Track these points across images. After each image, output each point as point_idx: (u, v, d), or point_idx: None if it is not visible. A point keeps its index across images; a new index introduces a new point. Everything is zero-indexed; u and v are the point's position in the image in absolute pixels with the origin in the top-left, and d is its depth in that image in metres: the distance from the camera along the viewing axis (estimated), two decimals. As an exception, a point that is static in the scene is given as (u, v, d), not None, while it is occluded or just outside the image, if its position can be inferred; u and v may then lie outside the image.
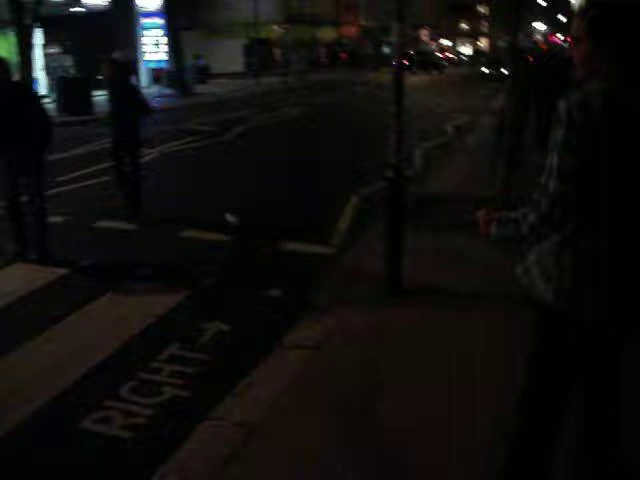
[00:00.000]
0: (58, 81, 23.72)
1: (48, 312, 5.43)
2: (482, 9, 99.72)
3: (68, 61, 33.45)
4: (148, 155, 13.29)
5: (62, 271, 6.44)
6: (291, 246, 7.11)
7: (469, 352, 4.43)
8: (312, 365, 4.39)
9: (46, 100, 24.41)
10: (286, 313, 5.32)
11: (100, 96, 20.08)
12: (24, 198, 6.85)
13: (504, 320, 4.92)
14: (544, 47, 41.27)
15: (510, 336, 4.67)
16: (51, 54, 31.54)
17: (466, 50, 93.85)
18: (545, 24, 72.73)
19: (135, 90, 8.90)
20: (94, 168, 11.76)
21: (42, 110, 6.90)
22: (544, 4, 61.60)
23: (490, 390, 3.93)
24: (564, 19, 63.24)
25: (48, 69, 29.46)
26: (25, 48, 21.77)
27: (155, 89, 29.67)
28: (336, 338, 4.75)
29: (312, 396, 3.96)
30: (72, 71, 31.22)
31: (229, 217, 8.26)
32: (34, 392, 4.18)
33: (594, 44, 2.21)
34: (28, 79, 21.93)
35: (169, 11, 32.15)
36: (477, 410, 3.74)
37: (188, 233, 7.65)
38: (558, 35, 64.34)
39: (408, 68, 50.16)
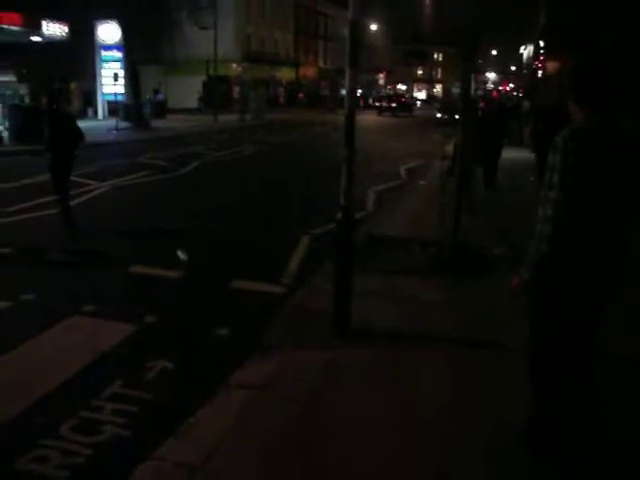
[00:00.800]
0: (11, 109, 23.42)
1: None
2: (436, 56, 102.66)
3: (23, 89, 33.05)
4: (101, 188, 13.20)
5: (4, 304, 6.29)
6: (241, 284, 7.10)
7: (414, 394, 4.48)
8: (258, 406, 4.36)
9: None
10: (233, 352, 5.29)
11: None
12: None
13: (451, 362, 5.01)
14: (495, 94, 42.62)
15: (457, 378, 4.76)
16: (5, 82, 31.12)
17: (421, 95, 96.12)
18: (496, 73, 75.20)
19: (70, 119, 9.69)
20: (43, 199, 11.58)
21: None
22: (495, 53, 63.83)
23: (434, 430, 3.98)
24: (513, 68, 65.51)
25: (1, 97, 29.05)
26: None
27: (112, 122, 29.48)
28: (283, 378, 4.74)
29: (257, 438, 3.93)
30: (27, 100, 30.86)
31: (180, 254, 8.21)
32: (-32, 429, 4.06)
33: (574, 101, 3.44)
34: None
35: (128, 45, 32.20)
36: (421, 452, 3.77)
37: (137, 268, 7.57)
38: (510, 84, 66.61)
39: (379, 110, 52.05)
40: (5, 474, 3.68)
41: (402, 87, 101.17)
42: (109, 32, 33.60)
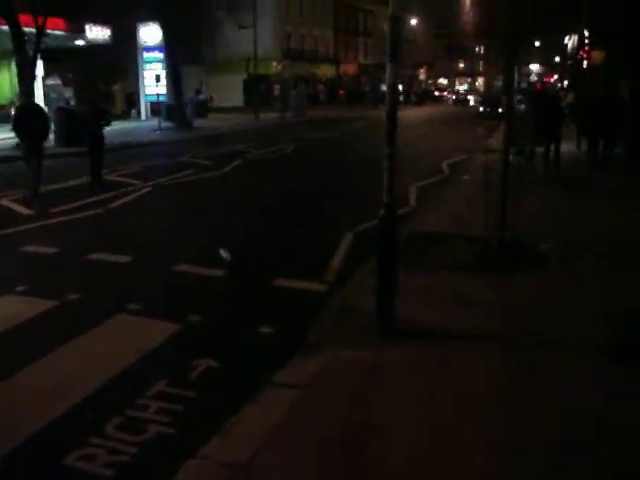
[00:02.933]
0: (57, 112, 23.85)
1: (35, 345, 5.38)
2: (478, 49, 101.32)
3: (68, 92, 33.74)
4: (145, 187, 13.36)
5: (51, 303, 6.39)
6: (284, 282, 7.07)
7: (460, 391, 4.39)
8: (302, 404, 4.33)
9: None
10: (278, 350, 5.27)
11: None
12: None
13: (498, 361, 4.90)
14: (539, 87, 41.81)
15: (504, 378, 4.64)
16: (51, 85, 31.82)
17: (462, 88, 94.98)
18: (540, 64, 73.91)
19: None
20: (87, 200, 11.79)
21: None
22: (538, 45, 62.65)
23: (482, 429, 3.89)
24: (557, 59, 64.24)
25: (47, 100, 29.68)
26: (26, 79, 21.95)
27: (154, 122, 29.86)
28: (327, 377, 4.70)
29: (301, 435, 3.90)
30: (72, 102, 31.47)
31: (223, 252, 8.24)
32: (16, 427, 4.12)
33: None
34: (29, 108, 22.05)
35: (169, 46, 32.57)
36: (470, 449, 3.69)
37: (181, 267, 7.61)
38: (555, 76, 65.35)
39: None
40: (53, 471, 3.72)
41: (443, 81, 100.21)
42: (151, 34, 34.03)
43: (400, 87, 47.59)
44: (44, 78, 29.80)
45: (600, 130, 14.31)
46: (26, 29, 22.09)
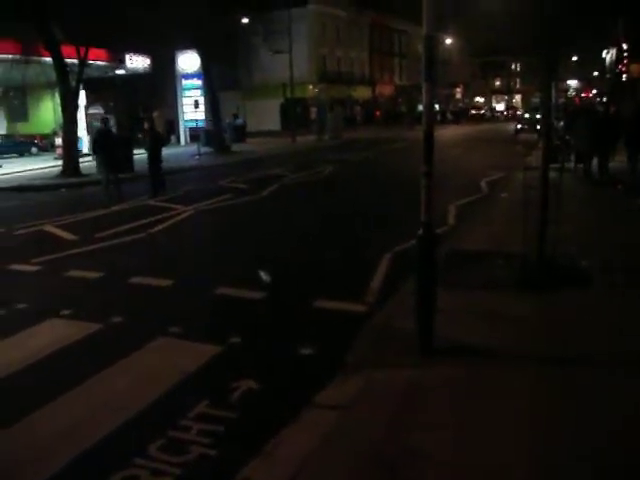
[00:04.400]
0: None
1: (81, 367, 5.50)
2: (514, 66, 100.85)
3: (110, 121, 34.50)
4: (186, 212, 13.56)
5: (96, 326, 6.51)
6: (324, 304, 7.08)
7: (504, 414, 4.33)
8: (343, 426, 4.31)
9: (87, 158, 25.25)
10: (318, 372, 5.27)
11: (141, 154, 20.60)
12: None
13: (540, 381, 4.82)
14: (577, 101, 41.37)
15: (546, 397, 4.57)
16: (93, 114, 32.62)
17: (500, 106, 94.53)
18: (578, 80, 73.07)
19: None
20: (131, 225, 12.02)
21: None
22: (575, 59, 62.02)
23: (528, 452, 3.83)
24: (596, 73, 63.43)
25: (90, 128, 30.42)
26: (69, 108, 22.56)
27: (194, 148, 30.35)
28: (368, 398, 4.68)
29: (342, 458, 3.89)
30: (114, 130, 32.18)
31: (262, 274, 8.30)
32: (62, 447, 4.20)
33: None
34: (71, 138, 22.70)
35: (207, 73, 33.16)
36: (511, 474, 3.63)
37: (221, 290, 7.69)
38: (593, 90, 64.50)
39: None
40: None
41: (480, 99, 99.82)
42: (189, 61, 34.75)
43: (437, 106, 47.34)
44: (86, 107, 30.61)
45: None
46: (69, 60, 22.75)
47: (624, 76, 36.75)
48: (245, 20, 36.00)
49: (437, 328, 5.35)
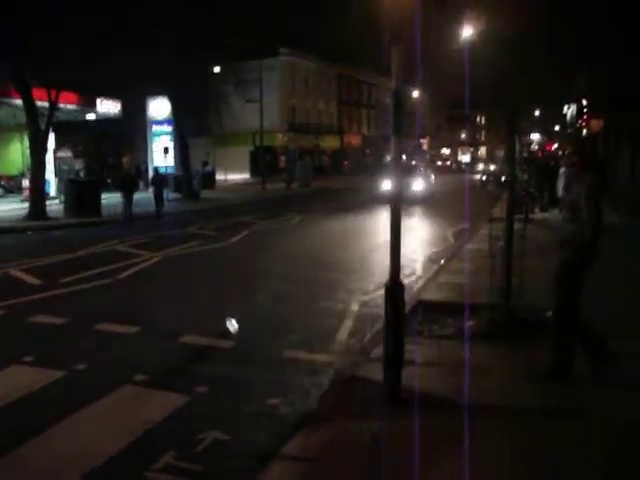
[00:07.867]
0: (67, 183, 24.33)
1: (43, 416, 5.37)
2: (479, 119, 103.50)
3: (78, 164, 34.45)
4: (153, 258, 13.48)
5: (60, 373, 6.39)
6: (292, 353, 7.06)
7: (472, 466, 4.34)
8: (310, 478, 4.28)
9: (54, 202, 25.08)
10: (286, 422, 5.24)
11: (109, 199, 20.56)
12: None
13: (508, 432, 4.86)
14: (539, 154, 42.55)
15: (515, 449, 4.60)
16: (62, 157, 32.52)
17: (465, 158, 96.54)
18: (540, 133, 75.12)
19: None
20: (97, 270, 11.90)
21: None
22: (538, 114, 63.87)
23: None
24: (557, 128, 65.39)
25: (58, 172, 30.29)
26: (38, 150, 22.46)
27: (163, 194, 30.35)
28: (335, 448, 4.66)
29: (309, 510, 3.85)
30: (82, 174, 32.10)
31: (229, 324, 8.26)
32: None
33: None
34: (39, 181, 22.56)
35: (177, 119, 33.39)
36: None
37: (189, 338, 7.63)
38: (555, 145, 66.40)
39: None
40: None
41: (446, 151, 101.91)
42: (159, 108, 34.97)
43: (404, 157, 48.29)
44: (55, 150, 30.50)
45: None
46: (39, 103, 22.73)
47: (584, 131, 37.90)
48: (217, 69, 36.46)
49: (405, 378, 5.38)
